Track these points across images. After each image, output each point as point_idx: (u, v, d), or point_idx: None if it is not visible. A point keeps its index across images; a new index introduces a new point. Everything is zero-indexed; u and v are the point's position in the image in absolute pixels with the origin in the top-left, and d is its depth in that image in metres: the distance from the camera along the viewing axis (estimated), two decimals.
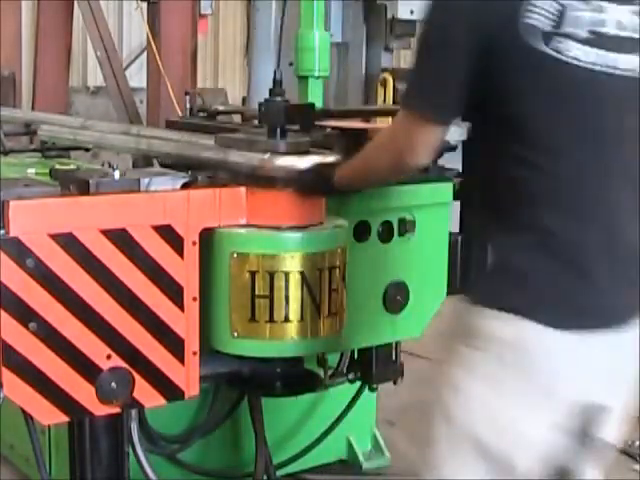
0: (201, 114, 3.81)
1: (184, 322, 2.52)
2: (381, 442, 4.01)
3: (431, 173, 3.27)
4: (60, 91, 8.07)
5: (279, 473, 3.60)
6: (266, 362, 2.79)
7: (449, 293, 3.36)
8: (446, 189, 3.29)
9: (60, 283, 2.34)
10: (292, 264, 2.60)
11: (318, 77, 3.96)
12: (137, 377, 2.47)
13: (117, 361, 2.43)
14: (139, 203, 2.47)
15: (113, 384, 2.43)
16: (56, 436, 3.35)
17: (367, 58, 7.04)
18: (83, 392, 2.40)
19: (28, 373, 2.32)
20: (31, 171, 3.32)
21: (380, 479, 3.96)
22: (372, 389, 3.52)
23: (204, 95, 4.76)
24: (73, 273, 2.35)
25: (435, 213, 3.24)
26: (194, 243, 2.53)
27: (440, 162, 3.35)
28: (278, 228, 2.62)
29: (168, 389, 2.54)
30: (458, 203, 3.40)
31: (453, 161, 3.28)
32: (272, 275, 2.60)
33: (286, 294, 2.62)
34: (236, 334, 2.64)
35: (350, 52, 7.05)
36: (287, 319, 2.62)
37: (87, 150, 4.28)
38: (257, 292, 2.61)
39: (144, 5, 7.24)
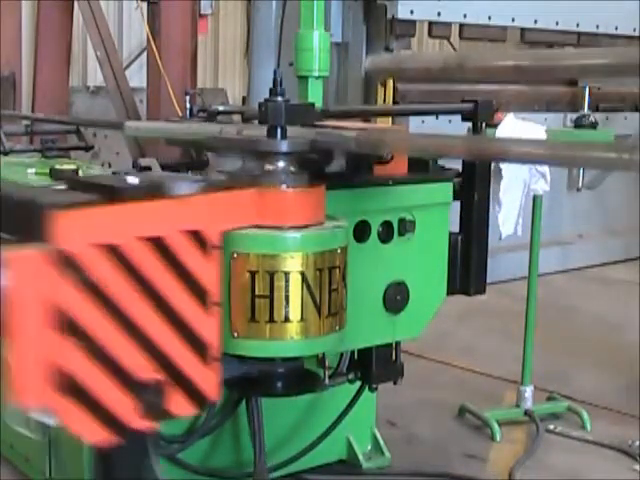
0: (201, 114, 3.81)
1: (211, 329, 2.43)
2: (381, 442, 4.00)
3: (431, 173, 3.27)
4: (60, 91, 8.08)
5: (279, 473, 3.60)
6: (266, 362, 2.79)
7: (449, 293, 3.37)
8: (446, 189, 3.30)
9: (105, 295, 2.23)
10: (292, 264, 2.60)
11: (318, 77, 3.96)
12: (173, 388, 2.38)
13: (157, 374, 2.34)
14: (173, 209, 2.38)
15: (152, 397, 2.38)
16: (56, 436, 3.35)
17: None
18: (125, 408, 2.30)
19: (74, 391, 2.20)
20: (31, 171, 3.32)
21: (380, 479, 3.96)
22: (372, 389, 3.52)
23: (204, 95, 4.75)
24: (117, 285, 2.25)
25: (435, 213, 3.24)
26: (217, 247, 2.46)
27: (440, 162, 3.35)
28: (278, 228, 2.62)
29: (198, 397, 2.44)
30: (458, 203, 3.40)
31: (453, 161, 3.29)
32: (272, 275, 2.60)
33: (286, 294, 2.61)
34: (236, 334, 2.64)
35: (350, 52, 7.06)
36: (287, 319, 2.62)
37: (87, 150, 4.28)
38: (257, 292, 2.61)
39: (144, 5, 7.24)
